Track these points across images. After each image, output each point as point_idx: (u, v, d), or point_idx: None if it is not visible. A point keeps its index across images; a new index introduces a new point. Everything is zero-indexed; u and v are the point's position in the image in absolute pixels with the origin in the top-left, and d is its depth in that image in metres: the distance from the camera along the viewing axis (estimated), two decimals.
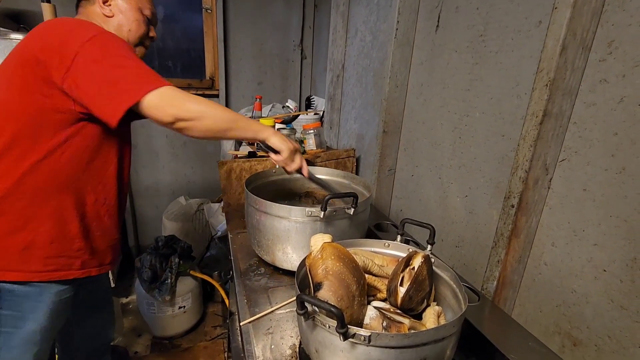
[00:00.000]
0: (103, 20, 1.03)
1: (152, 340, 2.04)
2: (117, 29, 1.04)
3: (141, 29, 1.08)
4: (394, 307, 0.72)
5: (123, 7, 1.04)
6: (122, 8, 1.04)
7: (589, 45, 0.75)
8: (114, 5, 1.03)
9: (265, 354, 0.81)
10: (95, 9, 1.02)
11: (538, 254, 0.90)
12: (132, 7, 1.06)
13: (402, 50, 1.36)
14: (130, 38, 1.07)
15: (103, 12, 1.02)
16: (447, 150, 1.20)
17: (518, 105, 0.92)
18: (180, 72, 2.64)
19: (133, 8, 1.06)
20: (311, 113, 2.21)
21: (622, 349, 0.73)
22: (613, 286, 0.73)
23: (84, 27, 0.88)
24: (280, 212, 1.00)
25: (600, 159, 0.75)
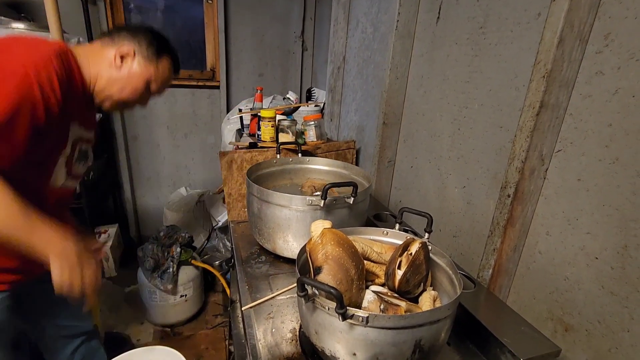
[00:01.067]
0: (102, 65, 0.94)
1: (154, 328, 2.08)
2: (110, 81, 0.95)
3: (133, 96, 0.99)
4: (391, 290, 0.74)
5: (133, 71, 0.97)
6: (133, 71, 0.97)
7: (586, 38, 0.76)
8: (128, 65, 0.96)
9: (267, 337, 0.83)
10: (109, 53, 0.95)
11: (533, 243, 0.93)
12: (142, 76, 0.98)
13: (403, 42, 1.37)
14: (115, 98, 0.97)
15: (115, 63, 0.94)
16: (446, 141, 1.22)
17: (516, 96, 0.93)
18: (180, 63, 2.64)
19: (143, 77, 0.98)
20: (312, 105, 2.21)
21: (611, 333, 0.75)
22: (604, 273, 0.76)
23: None
24: (282, 200, 1.02)
25: (594, 149, 0.77)
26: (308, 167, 1.42)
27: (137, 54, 0.97)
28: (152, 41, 0.99)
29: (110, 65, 0.94)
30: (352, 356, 0.64)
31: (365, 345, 0.62)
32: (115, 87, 0.96)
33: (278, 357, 0.78)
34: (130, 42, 0.96)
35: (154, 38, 1.00)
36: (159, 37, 1.02)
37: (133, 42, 0.97)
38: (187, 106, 2.72)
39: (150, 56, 0.99)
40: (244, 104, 2.37)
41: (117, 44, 0.95)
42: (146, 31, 1.00)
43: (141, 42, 0.98)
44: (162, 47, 1.02)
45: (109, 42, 0.96)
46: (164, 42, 1.03)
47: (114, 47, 0.95)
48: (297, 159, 1.42)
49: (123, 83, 0.96)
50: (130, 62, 0.96)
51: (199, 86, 2.67)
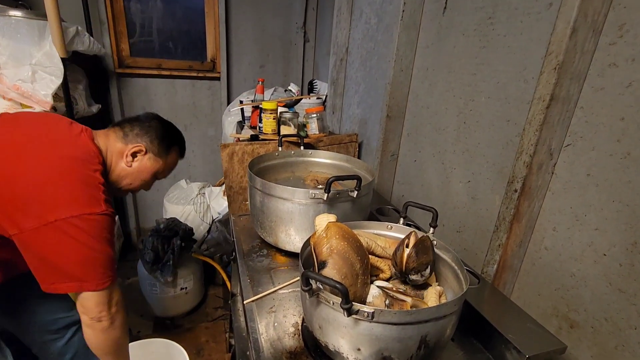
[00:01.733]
0: (117, 159, 0.99)
1: (154, 320, 2.08)
2: (120, 176, 1.01)
3: (141, 187, 1.07)
4: (398, 271, 0.73)
5: (143, 166, 1.02)
6: (143, 167, 1.02)
7: (599, 28, 0.74)
8: (138, 161, 1.01)
9: (269, 331, 0.82)
10: (119, 147, 0.99)
11: (539, 239, 0.91)
12: (151, 171, 1.04)
13: (408, 33, 1.34)
14: (124, 188, 1.04)
15: (125, 160, 0.99)
16: (451, 135, 1.20)
17: (525, 89, 0.91)
18: (181, 54, 2.60)
19: (152, 171, 1.05)
20: (314, 97, 2.19)
21: (617, 330, 0.74)
22: (612, 270, 0.75)
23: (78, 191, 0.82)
24: (284, 193, 1.00)
25: (605, 144, 0.75)
26: (310, 160, 1.40)
27: (148, 151, 1.02)
28: (163, 137, 1.04)
29: (122, 161, 0.99)
30: (356, 351, 0.63)
31: (370, 341, 0.61)
32: (125, 181, 1.02)
33: (280, 351, 0.77)
34: (142, 139, 1.01)
35: (165, 133, 1.05)
36: (169, 131, 1.08)
37: (144, 139, 1.01)
38: (187, 98, 2.69)
39: (160, 152, 1.04)
40: (245, 95, 2.35)
41: (130, 142, 1.00)
42: (157, 125, 1.05)
43: (152, 139, 1.02)
44: (172, 140, 1.08)
45: (122, 137, 1.00)
46: (173, 134, 1.09)
47: (125, 144, 0.99)
48: (299, 151, 1.40)
49: (133, 178, 1.03)
50: (141, 158, 1.02)
51: (199, 77, 2.64)
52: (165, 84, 2.60)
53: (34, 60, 1.62)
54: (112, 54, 2.38)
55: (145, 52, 2.54)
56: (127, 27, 2.43)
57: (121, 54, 2.46)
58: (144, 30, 2.50)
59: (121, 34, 2.41)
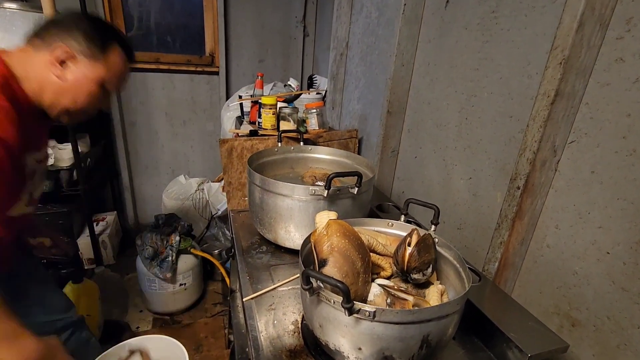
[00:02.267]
0: (43, 75, 0.80)
1: (153, 316, 2.07)
2: (56, 94, 0.81)
3: (90, 103, 0.86)
4: (400, 270, 0.73)
5: (81, 75, 0.82)
6: (79, 76, 0.82)
7: (606, 22, 0.72)
8: (70, 70, 0.81)
9: (268, 328, 0.82)
10: (43, 58, 0.79)
11: (541, 236, 0.90)
12: (92, 80, 0.83)
13: (410, 28, 1.32)
14: (71, 110, 0.85)
15: (52, 70, 0.80)
16: (452, 131, 1.19)
17: (528, 85, 0.90)
18: (179, 48, 2.57)
19: (93, 80, 0.84)
20: (313, 92, 2.17)
21: (620, 329, 0.74)
22: (616, 268, 0.74)
23: None
24: (284, 190, 0.99)
25: (610, 140, 0.74)
26: (310, 156, 1.39)
27: (78, 54, 0.81)
28: (91, 34, 0.83)
29: (51, 74, 0.80)
30: (357, 351, 0.62)
31: (372, 340, 0.60)
32: (66, 98, 0.83)
33: (280, 349, 0.76)
34: (64, 41, 0.81)
35: (92, 29, 0.84)
36: (97, 26, 0.86)
37: (67, 40, 0.81)
38: (186, 92, 2.67)
39: (94, 53, 0.83)
40: (244, 90, 2.32)
41: (50, 47, 0.80)
42: (80, 21, 0.83)
43: (78, 38, 0.81)
44: (105, 37, 0.85)
45: (40, 44, 0.81)
46: (105, 30, 0.87)
47: (47, 51, 0.80)
48: (298, 147, 1.39)
49: (73, 92, 0.83)
50: (73, 66, 0.81)
51: (198, 72, 2.61)
52: (163, 78, 2.57)
53: None
54: None
55: (143, 46, 2.51)
56: (125, 20, 2.40)
57: None
58: (142, 24, 2.47)
59: (118, 27, 2.38)
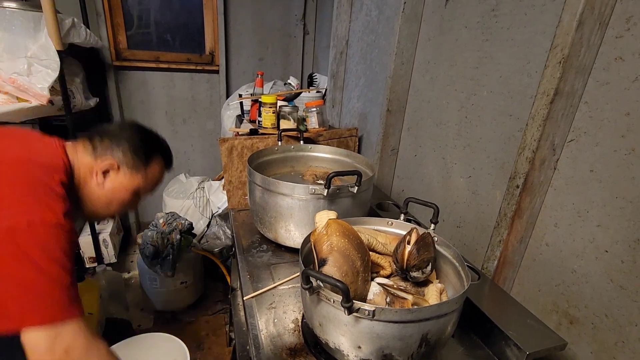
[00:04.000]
0: (85, 178, 0.82)
1: (155, 314, 2.08)
2: (91, 198, 0.84)
3: (120, 208, 0.89)
4: (399, 268, 0.73)
5: (120, 185, 0.85)
6: (118, 185, 0.85)
7: (606, 21, 0.72)
8: (111, 179, 0.84)
9: (269, 327, 0.82)
10: (88, 162, 0.82)
11: (540, 235, 0.91)
12: (129, 189, 0.87)
13: (410, 26, 1.32)
14: (101, 214, 0.89)
15: (96, 179, 0.83)
16: (452, 130, 1.19)
17: (528, 83, 0.90)
18: (179, 46, 2.57)
19: (130, 189, 0.87)
20: (313, 91, 2.17)
21: (618, 327, 0.74)
22: (614, 266, 0.74)
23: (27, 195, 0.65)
24: (284, 189, 0.99)
25: (609, 139, 0.74)
26: (310, 155, 1.39)
27: (122, 165, 0.85)
28: (138, 147, 0.87)
29: (92, 181, 0.83)
30: (356, 349, 0.63)
31: (371, 339, 0.60)
32: (100, 204, 0.86)
33: (280, 347, 0.77)
34: (113, 152, 0.84)
35: (141, 142, 0.88)
36: (146, 139, 0.90)
37: (116, 152, 0.84)
38: (186, 91, 2.66)
39: (137, 165, 0.87)
40: (244, 89, 2.32)
41: (99, 156, 0.83)
42: (131, 134, 0.87)
43: (125, 151, 0.85)
44: (150, 149, 0.90)
45: (90, 151, 0.83)
46: (152, 142, 0.92)
47: (95, 159, 0.83)
48: (299, 146, 1.39)
49: (109, 200, 0.86)
50: (114, 176, 0.84)
51: (198, 70, 2.61)
52: (163, 77, 2.57)
53: (30, 52, 1.60)
54: (109, 47, 2.35)
55: (143, 45, 2.51)
56: (124, 19, 2.39)
57: (118, 47, 2.43)
58: (142, 22, 2.46)
59: (118, 26, 2.38)
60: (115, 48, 2.40)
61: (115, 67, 2.41)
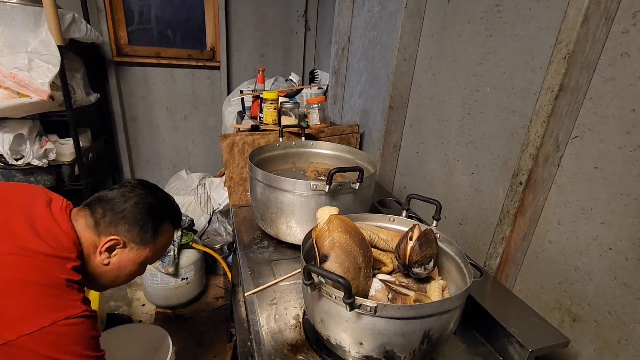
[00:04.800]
0: (88, 255, 0.77)
1: (156, 310, 2.09)
2: (95, 273, 0.80)
3: (127, 280, 0.85)
4: (402, 264, 0.73)
5: (127, 260, 0.81)
6: (124, 262, 0.81)
7: (612, 16, 0.72)
8: (117, 256, 0.80)
9: (270, 323, 0.82)
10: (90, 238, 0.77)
11: (543, 232, 0.90)
12: (136, 262, 0.82)
13: (412, 21, 1.31)
14: (106, 286, 0.84)
15: (100, 257, 0.78)
16: (454, 126, 1.18)
17: (532, 79, 0.89)
18: (179, 42, 2.56)
19: (137, 263, 0.82)
20: (315, 87, 2.16)
21: (621, 324, 0.74)
22: (618, 264, 0.74)
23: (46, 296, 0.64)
24: (285, 185, 0.99)
25: (614, 135, 0.73)
26: (311, 151, 1.38)
27: (129, 242, 0.80)
28: (145, 221, 0.80)
29: (96, 257, 0.78)
30: (358, 345, 0.62)
31: (373, 335, 0.60)
32: (106, 279, 0.82)
33: (281, 343, 0.77)
34: (117, 229, 0.78)
35: (147, 215, 0.81)
36: (152, 209, 0.82)
37: (120, 228, 0.78)
38: (187, 87, 2.66)
39: (145, 240, 0.81)
40: (245, 85, 2.32)
41: (102, 233, 0.77)
42: (135, 207, 0.80)
43: (131, 227, 0.79)
44: (159, 219, 0.83)
45: (92, 226, 0.77)
46: (159, 211, 0.84)
47: (98, 236, 0.77)
48: (300, 142, 1.38)
49: (114, 275, 0.82)
50: (120, 252, 0.80)
51: (199, 66, 2.60)
52: (164, 73, 2.56)
53: (30, 47, 1.59)
54: (110, 42, 2.34)
55: (144, 41, 2.50)
56: (125, 14, 2.38)
57: (119, 42, 2.42)
58: (142, 18, 2.45)
59: (119, 21, 2.37)
60: (116, 43, 2.40)
61: (116, 63, 2.40)
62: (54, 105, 1.73)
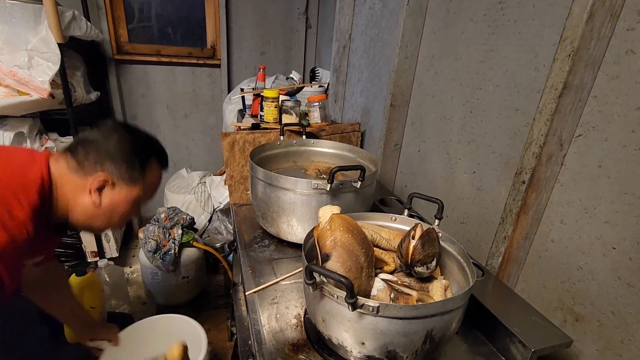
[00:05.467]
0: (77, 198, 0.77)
1: (157, 308, 2.09)
2: (88, 217, 0.79)
3: (122, 220, 0.84)
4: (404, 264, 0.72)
5: (118, 199, 0.79)
6: (116, 202, 0.79)
7: (617, 13, 0.71)
8: (107, 195, 0.78)
9: (271, 322, 0.82)
10: (80, 182, 0.76)
11: (546, 231, 0.90)
12: (128, 201, 0.81)
13: (414, 19, 1.30)
14: (102, 228, 0.84)
15: (92, 198, 0.77)
16: (456, 125, 1.17)
17: (535, 77, 0.88)
18: (180, 40, 2.55)
19: (129, 202, 0.81)
20: (316, 85, 2.15)
21: (625, 324, 0.73)
22: (622, 264, 0.73)
23: None
24: (286, 184, 0.98)
25: (619, 134, 0.73)
26: (312, 150, 1.38)
27: (117, 180, 0.78)
28: (132, 156, 0.79)
29: (85, 198, 0.77)
30: (360, 345, 0.62)
31: (375, 335, 0.60)
32: (98, 221, 0.81)
33: (283, 342, 0.76)
34: (103, 167, 0.77)
35: (133, 150, 0.80)
36: (136, 145, 0.82)
37: (106, 166, 0.77)
38: (187, 85, 2.65)
39: (134, 177, 0.80)
40: (246, 83, 2.31)
41: (88, 173, 0.76)
42: (119, 143, 0.79)
43: (117, 163, 0.78)
44: (144, 155, 0.82)
45: (75, 168, 0.76)
46: (144, 147, 0.84)
47: (84, 177, 0.76)
48: (301, 141, 1.38)
49: (107, 216, 0.81)
50: (110, 192, 0.78)
51: (199, 64, 2.59)
52: (164, 70, 2.55)
53: (30, 45, 1.58)
54: (110, 40, 2.33)
55: (144, 38, 2.49)
56: (125, 12, 2.37)
57: (119, 40, 2.41)
58: (143, 16, 2.44)
59: (119, 19, 2.36)
60: (116, 41, 2.39)
61: (116, 61, 2.39)
62: (54, 103, 1.72)
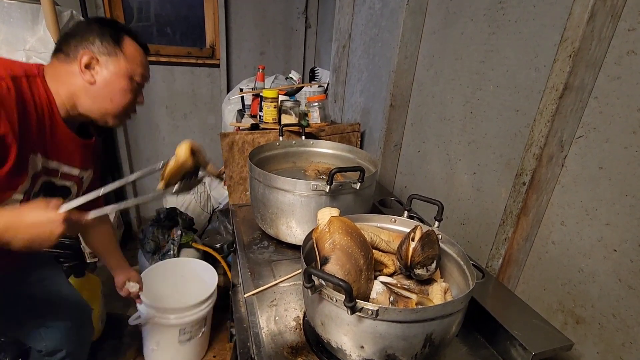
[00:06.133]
0: (74, 84, 0.85)
1: None
2: (95, 98, 0.87)
3: (127, 98, 0.91)
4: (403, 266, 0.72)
5: (108, 73, 0.87)
6: (108, 74, 0.87)
7: (618, 13, 0.70)
8: (98, 72, 0.86)
9: (270, 325, 0.81)
10: (73, 69, 0.84)
11: (546, 233, 0.89)
12: (119, 75, 0.88)
13: (414, 18, 1.29)
14: (112, 110, 0.90)
15: (82, 77, 0.85)
16: (456, 125, 1.17)
17: (536, 78, 0.88)
18: (179, 40, 2.54)
19: (121, 75, 0.88)
20: (315, 85, 2.14)
21: (626, 327, 0.73)
22: (623, 266, 0.73)
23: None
24: (285, 185, 0.98)
25: (620, 135, 0.72)
26: (312, 150, 1.37)
27: (99, 55, 0.86)
28: (102, 32, 0.87)
29: (83, 82, 0.85)
30: (359, 349, 0.61)
31: (374, 339, 0.59)
32: (102, 100, 0.88)
33: (281, 345, 0.76)
34: (84, 47, 0.85)
35: (103, 27, 0.88)
36: (104, 24, 0.90)
37: (86, 46, 0.85)
38: (186, 85, 2.64)
39: (111, 49, 0.87)
40: (245, 83, 2.30)
41: (74, 56, 0.85)
42: (89, 26, 0.88)
43: (94, 40, 0.86)
44: (114, 32, 0.90)
45: (64, 58, 0.85)
46: (112, 25, 0.91)
47: (74, 62, 0.84)
48: (300, 141, 1.37)
49: (107, 92, 0.88)
50: (99, 68, 0.86)
51: (199, 64, 2.58)
52: (163, 70, 2.54)
53: (28, 45, 1.58)
54: None
55: (143, 38, 2.44)
56: (124, 11, 2.36)
57: None
58: (142, 15, 2.43)
59: (118, 18, 2.35)
60: None
61: None
62: None
